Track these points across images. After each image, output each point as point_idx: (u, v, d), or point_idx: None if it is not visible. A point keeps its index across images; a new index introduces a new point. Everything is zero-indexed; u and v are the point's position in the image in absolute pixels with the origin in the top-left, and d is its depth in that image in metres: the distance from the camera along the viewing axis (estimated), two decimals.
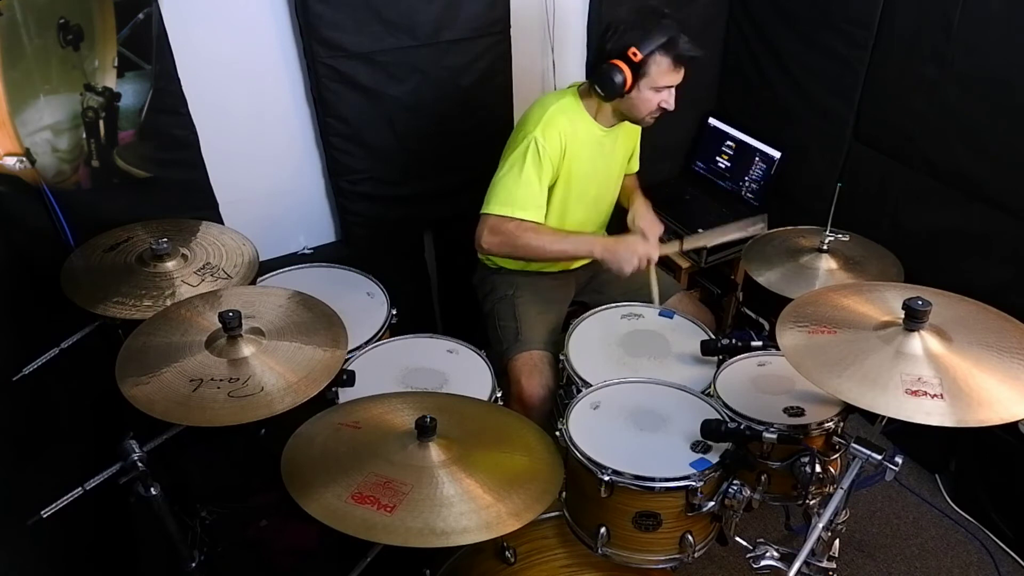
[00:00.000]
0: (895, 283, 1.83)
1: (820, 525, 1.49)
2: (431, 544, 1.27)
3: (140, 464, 1.43)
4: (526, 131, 2.01)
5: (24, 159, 1.98)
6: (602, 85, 1.98)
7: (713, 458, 1.59)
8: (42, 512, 1.39)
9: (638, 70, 1.94)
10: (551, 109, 2.04)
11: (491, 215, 2.00)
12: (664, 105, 2.02)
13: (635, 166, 2.43)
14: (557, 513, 1.75)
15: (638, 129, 2.27)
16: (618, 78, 1.94)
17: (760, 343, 1.90)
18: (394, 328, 2.13)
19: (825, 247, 1.98)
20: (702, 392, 1.81)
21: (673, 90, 2.02)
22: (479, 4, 2.35)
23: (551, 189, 2.08)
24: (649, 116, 2.06)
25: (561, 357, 1.98)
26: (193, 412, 1.40)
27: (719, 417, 1.69)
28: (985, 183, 2.13)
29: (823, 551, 1.66)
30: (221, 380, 1.46)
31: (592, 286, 2.38)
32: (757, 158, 2.82)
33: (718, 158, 2.96)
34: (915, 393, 1.31)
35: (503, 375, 2.08)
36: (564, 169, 2.08)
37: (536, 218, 2.00)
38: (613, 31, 1.96)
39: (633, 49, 1.92)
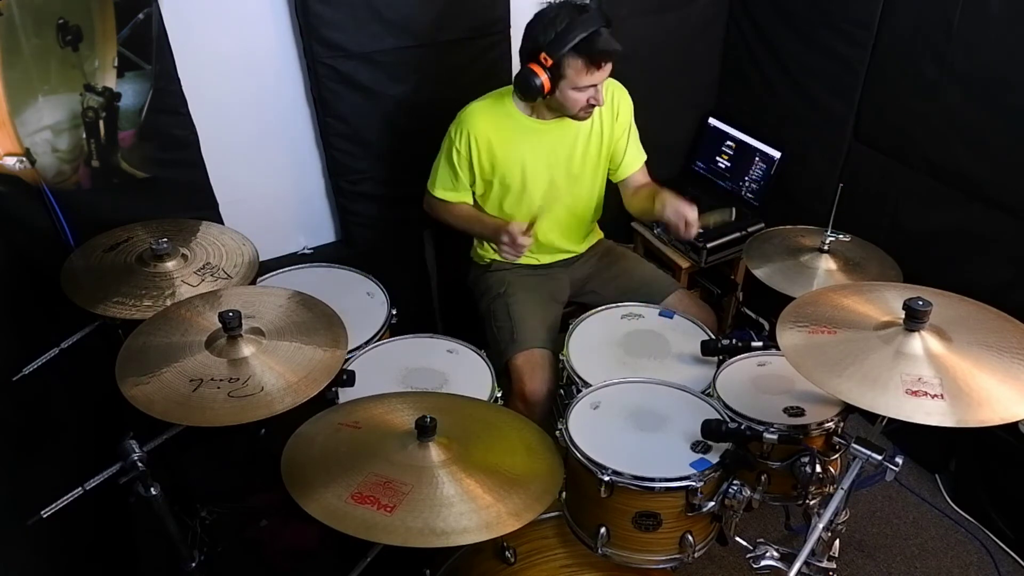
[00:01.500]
0: (895, 283, 1.83)
1: (820, 525, 1.49)
2: (431, 544, 1.27)
3: (140, 464, 1.43)
4: (449, 126, 2.15)
5: (24, 159, 1.98)
6: (522, 90, 2.00)
7: (713, 458, 1.59)
8: (42, 512, 1.38)
9: (553, 73, 1.94)
10: (468, 108, 2.13)
11: (428, 190, 2.26)
12: (592, 102, 2.00)
13: (636, 161, 2.31)
14: (557, 513, 1.75)
15: (620, 115, 2.22)
16: (535, 82, 1.94)
17: (760, 343, 1.90)
18: (394, 328, 2.13)
19: (826, 247, 1.98)
20: (702, 392, 1.81)
21: (601, 85, 1.98)
22: (479, 4, 2.35)
23: (482, 179, 2.17)
24: (581, 112, 2.04)
25: (561, 357, 1.98)
26: (193, 412, 1.40)
27: (719, 417, 1.69)
28: (985, 183, 2.13)
29: (823, 551, 1.66)
30: (221, 380, 1.46)
31: (589, 287, 2.38)
32: (757, 158, 2.82)
33: (718, 158, 2.96)
34: (915, 393, 1.31)
35: (503, 375, 2.08)
36: (486, 162, 2.13)
37: (451, 198, 2.21)
38: (529, 30, 1.96)
39: (543, 54, 1.92)
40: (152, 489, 1.48)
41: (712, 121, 2.98)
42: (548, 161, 2.16)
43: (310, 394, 1.46)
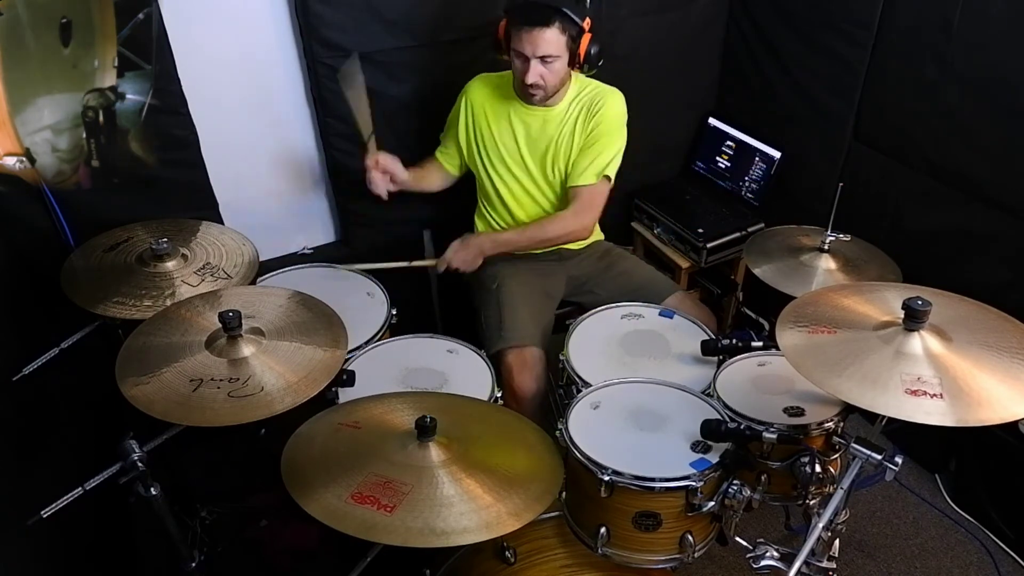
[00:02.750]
0: (895, 283, 1.83)
1: (820, 525, 1.49)
2: (431, 544, 1.27)
3: (140, 464, 1.43)
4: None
5: (24, 159, 1.98)
6: (492, 42, 2.10)
7: (713, 458, 1.59)
8: (42, 512, 1.38)
9: (506, 33, 2.02)
10: (475, 79, 2.26)
11: None
12: (523, 76, 2.01)
13: (578, 176, 2.16)
14: (557, 513, 1.75)
15: (598, 123, 2.13)
16: (495, 35, 2.04)
17: (760, 343, 1.90)
18: (394, 328, 2.13)
19: (826, 247, 1.98)
20: (702, 392, 1.80)
21: (533, 62, 1.97)
22: (479, 4, 2.35)
23: (471, 146, 2.26)
24: (525, 89, 2.06)
25: (561, 357, 1.98)
26: (193, 412, 1.40)
27: (719, 417, 1.69)
28: (985, 183, 2.13)
29: (823, 551, 1.66)
30: (221, 380, 1.46)
31: (587, 287, 2.38)
32: (757, 158, 2.82)
33: (718, 158, 2.96)
34: (915, 393, 1.31)
35: (497, 369, 2.07)
36: (478, 128, 2.23)
37: (437, 156, 2.35)
38: None
39: (503, 8, 2.03)
40: (152, 489, 1.48)
41: (712, 121, 2.98)
42: (528, 145, 2.21)
43: (310, 394, 1.46)
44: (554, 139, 2.19)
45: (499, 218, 2.34)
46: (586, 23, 1.98)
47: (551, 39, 1.94)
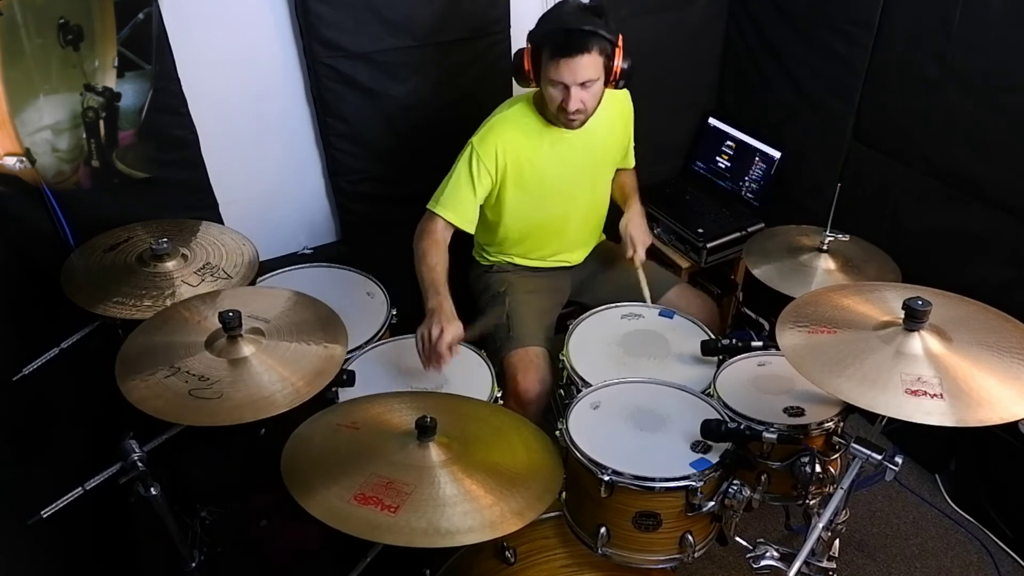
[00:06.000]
0: (895, 283, 1.83)
1: (820, 525, 1.49)
2: (436, 544, 1.27)
3: (140, 464, 1.43)
4: (472, 137, 2.04)
5: (24, 159, 1.98)
6: (513, 69, 2.01)
7: (713, 458, 1.59)
8: (42, 512, 1.39)
9: (535, 60, 1.93)
10: (496, 118, 2.06)
11: (428, 208, 2.06)
12: (563, 105, 1.91)
13: (630, 162, 2.40)
14: (557, 513, 1.75)
15: (627, 123, 2.25)
16: (519, 63, 1.96)
17: (760, 343, 1.90)
18: (394, 328, 2.12)
19: (825, 247, 1.98)
20: (702, 392, 1.80)
21: (574, 89, 1.88)
22: (479, 4, 2.35)
23: (502, 192, 2.09)
24: (561, 115, 1.95)
25: (561, 357, 1.98)
26: (148, 397, 1.40)
27: (719, 417, 1.69)
28: (985, 183, 2.13)
29: (823, 551, 1.66)
30: (192, 375, 1.46)
31: (588, 285, 2.39)
32: (757, 158, 2.82)
33: (718, 158, 2.96)
34: (915, 393, 1.31)
35: (501, 374, 2.08)
36: (511, 175, 2.06)
37: (453, 219, 2.03)
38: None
39: (530, 37, 1.94)
40: (152, 489, 1.48)
41: (712, 121, 2.98)
42: (569, 171, 2.14)
43: (312, 393, 1.46)
44: (600, 150, 2.18)
45: (525, 249, 2.30)
46: (619, 39, 1.91)
47: (590, 64, 1.86)
